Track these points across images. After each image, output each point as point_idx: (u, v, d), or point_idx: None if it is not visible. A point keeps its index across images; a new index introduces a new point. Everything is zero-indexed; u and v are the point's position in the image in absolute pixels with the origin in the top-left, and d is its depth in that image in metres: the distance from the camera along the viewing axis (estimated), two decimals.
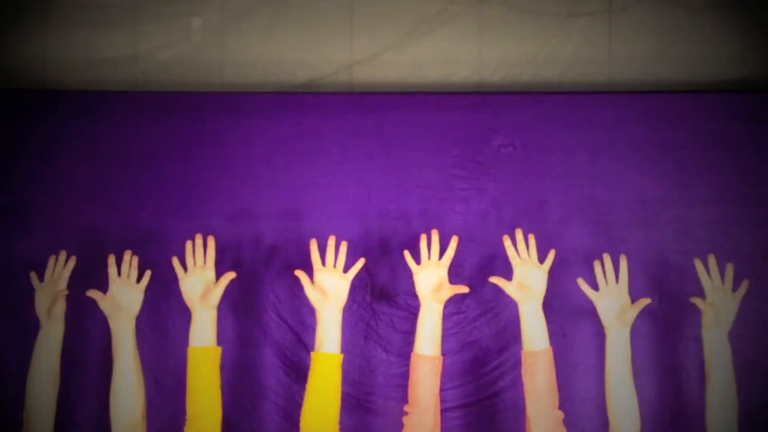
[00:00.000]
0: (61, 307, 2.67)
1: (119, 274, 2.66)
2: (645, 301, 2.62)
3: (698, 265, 2.68)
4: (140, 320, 2.69)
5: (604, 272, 2.68)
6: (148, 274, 2.67)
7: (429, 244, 2.72)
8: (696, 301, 2.63)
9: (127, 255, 2.69)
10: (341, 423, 2.60)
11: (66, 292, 2.67)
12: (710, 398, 2.56)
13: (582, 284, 2.68)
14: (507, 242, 2.67)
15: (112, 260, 2.67)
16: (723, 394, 2.55)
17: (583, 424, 2.97)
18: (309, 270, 2.67)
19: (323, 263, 2.65)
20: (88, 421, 3.01)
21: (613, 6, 3.25)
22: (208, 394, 2.54)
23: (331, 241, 2.66)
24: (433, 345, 2.61)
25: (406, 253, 2.72)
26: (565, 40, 3.25)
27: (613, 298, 2.64)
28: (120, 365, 2.58)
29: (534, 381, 2.54)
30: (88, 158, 3.12)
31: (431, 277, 2.67)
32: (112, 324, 2.62)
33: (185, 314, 2.69)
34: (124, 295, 2.64)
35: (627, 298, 2.65)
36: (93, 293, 2.62)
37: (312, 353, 2.59)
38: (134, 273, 2.67)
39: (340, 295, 2.61)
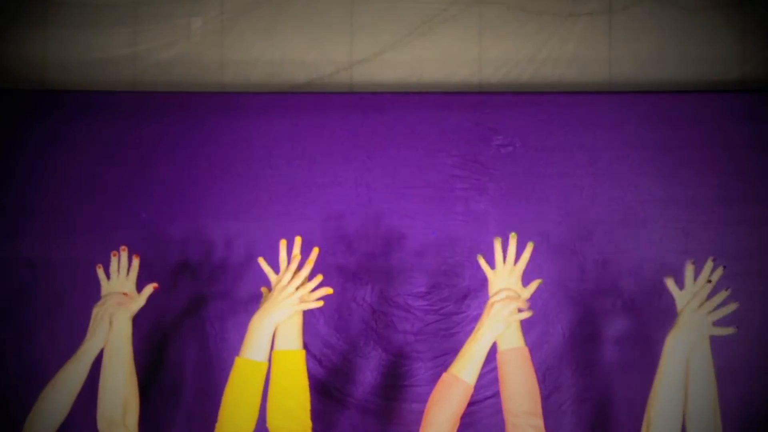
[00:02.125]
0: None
1: (111, 273, 2.62)
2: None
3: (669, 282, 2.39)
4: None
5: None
6: (136, 264, 2.59)
7: (504, 248, 2.39)
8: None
9: (123, 250, 2.63)
10: (341, 422, 2.59)
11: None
12: (688, 404, 2.25)
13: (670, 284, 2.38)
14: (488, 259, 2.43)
15: (114, 257, 2.63)
16: (702, 404, 2.24)
17: (583, 424, 2.97)
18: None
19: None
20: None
21: (613, 6, 3.25)
22: (247, 406, 2.40)
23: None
24: (474, 373, 2.29)
25: (480, 258, 2.44)
26: (565, 40, 3.25)
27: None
28: (111, 361, 2.52)
29: (507, 382, 2.30)
30: (88, 158, 3.12)
31: (504, 283, 2.37)
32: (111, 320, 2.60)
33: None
34: (119, 290, 2.60)
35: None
36: (100, 272, 2.59)
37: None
38: (124, 269, 2.63)
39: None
